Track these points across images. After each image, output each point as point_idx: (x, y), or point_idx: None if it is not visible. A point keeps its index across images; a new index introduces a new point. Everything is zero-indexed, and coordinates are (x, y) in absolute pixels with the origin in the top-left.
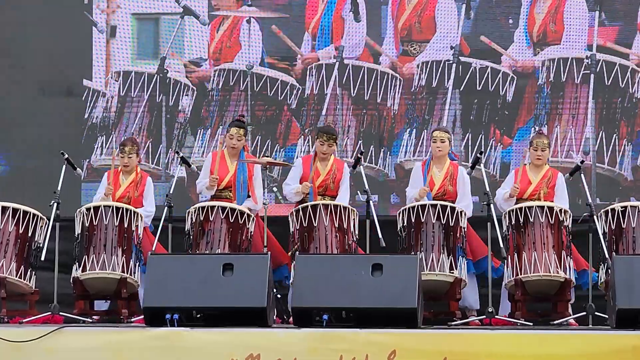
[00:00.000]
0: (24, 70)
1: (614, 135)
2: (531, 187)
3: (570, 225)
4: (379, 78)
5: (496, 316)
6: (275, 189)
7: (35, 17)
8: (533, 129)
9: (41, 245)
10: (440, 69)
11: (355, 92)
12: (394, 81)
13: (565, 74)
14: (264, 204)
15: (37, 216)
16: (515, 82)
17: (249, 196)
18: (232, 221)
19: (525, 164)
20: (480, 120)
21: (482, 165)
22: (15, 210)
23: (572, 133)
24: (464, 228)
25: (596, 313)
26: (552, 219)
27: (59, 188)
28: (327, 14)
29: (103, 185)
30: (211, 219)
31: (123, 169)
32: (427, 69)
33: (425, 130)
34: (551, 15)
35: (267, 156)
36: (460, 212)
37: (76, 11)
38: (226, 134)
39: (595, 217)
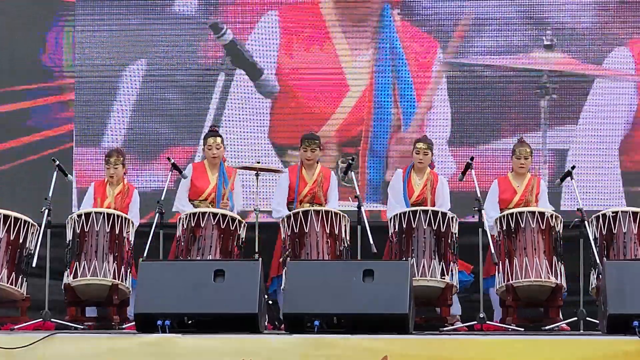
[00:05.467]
0: None
1: None
2: (517, 196)
3: (561, 231)
4: None
5: (487, 322)
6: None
7: (22, 24)
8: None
9: (32, 251)
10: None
11: None
12: None
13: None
14: (254, 210)
15: (28, 222)
16: (508, 86)
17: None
18: (223, 227)
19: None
20: (471, 126)
21: (472, 171)
22: (6, 217)
23: None
24: (455, 234)
25: (587, 318)
26: (543, 225)
27: (50, 194)
28: None
29: (90, 196)
30: (202, 225)
31: (109, 180)
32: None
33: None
34: None
35: (258, 162)
36: (452, 218)
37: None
38: (204, 146)
39: (586, 222)
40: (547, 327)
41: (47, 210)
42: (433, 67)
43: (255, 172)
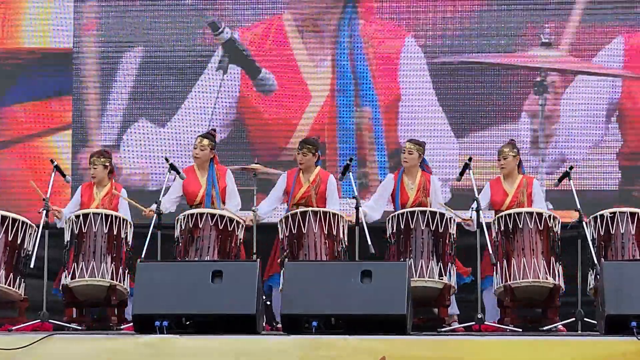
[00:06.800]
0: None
1: None
2: (508, 198)
3: (559, 232)
4: None
5: (485, 322)
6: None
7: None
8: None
9: (30, 252)
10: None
11: None
12: None
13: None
14: (252, 210)
15: (27, 223)
16: (505, 87)
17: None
18: (221, 228)
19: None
20: (469, 126)
21: (471, 171)
22: (4, 218)
23: None
24: (454, 234)
25: (585, 319)
26: (541, 225)
27: (48, 195)
28: None
29: (76, 199)
30: (200, 226)
31: (93, 180)
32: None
33: None
34: None
35: (256, 163)
36: (450, 218)
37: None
38: None
39: (584, 223)
40: (545, 328)
41: (45, 211)
42: (401, 58)
43: (253, 172)
